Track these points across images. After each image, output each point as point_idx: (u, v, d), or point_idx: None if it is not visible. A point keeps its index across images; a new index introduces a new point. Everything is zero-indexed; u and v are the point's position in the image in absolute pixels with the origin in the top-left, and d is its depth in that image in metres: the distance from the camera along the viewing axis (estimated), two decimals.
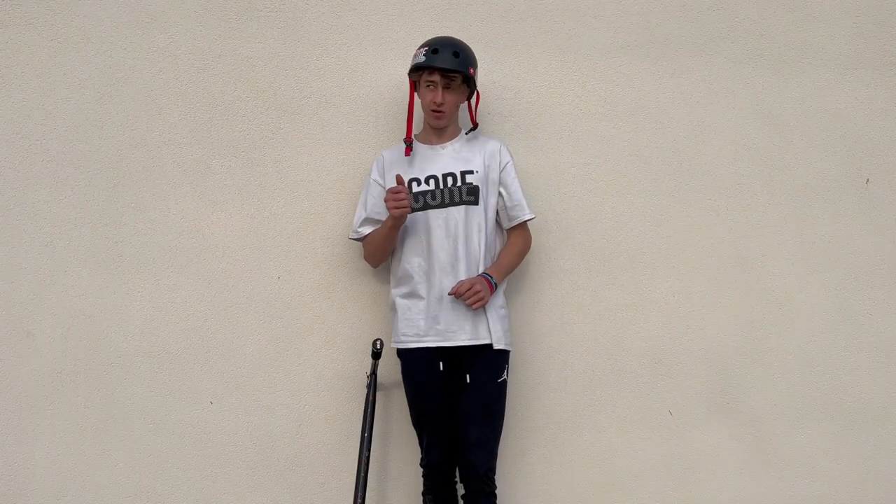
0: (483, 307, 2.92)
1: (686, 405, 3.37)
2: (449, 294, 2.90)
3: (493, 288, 2.93)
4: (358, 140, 3.25)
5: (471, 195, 2.97)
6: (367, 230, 3.05)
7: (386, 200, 2.88)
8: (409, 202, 2.87)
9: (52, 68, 3.14)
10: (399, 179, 2.89)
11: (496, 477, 2.98)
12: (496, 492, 2.96)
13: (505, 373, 2.97)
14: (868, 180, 3.51)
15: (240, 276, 3.20)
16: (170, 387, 3.15)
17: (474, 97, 3.09)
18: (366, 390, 3.05)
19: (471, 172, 2.99)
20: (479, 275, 2.94)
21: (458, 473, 3.00)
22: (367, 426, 2.99)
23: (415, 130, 3.07)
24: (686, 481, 3.36)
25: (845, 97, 3.52)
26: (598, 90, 3.40)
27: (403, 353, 2.99)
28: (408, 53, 3.24)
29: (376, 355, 3.03)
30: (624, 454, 3.34)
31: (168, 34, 3.20)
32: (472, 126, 3.11)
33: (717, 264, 3.42)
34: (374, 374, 3.06)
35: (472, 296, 2.86)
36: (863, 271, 3.49)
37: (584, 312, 3.34)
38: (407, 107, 3.05)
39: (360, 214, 3.06)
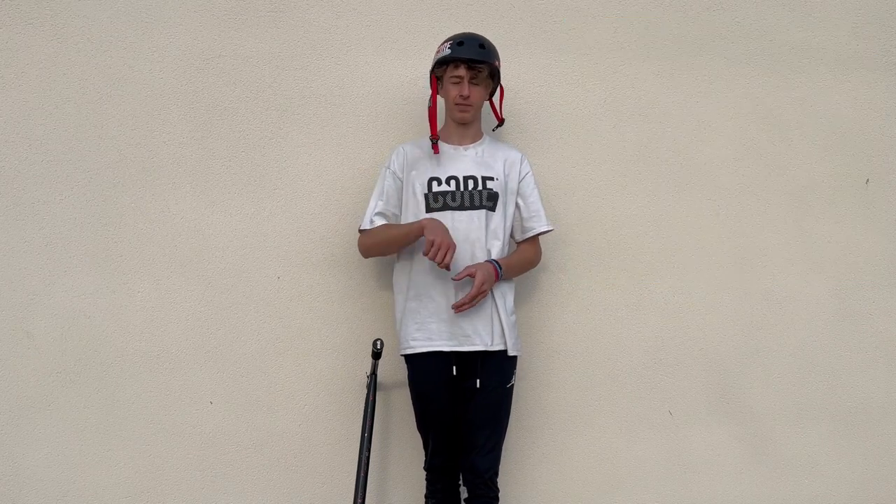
0: (498, 315, 2.91)
1: (686, 405, 3.37)
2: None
3: (497, 276, 2.89)
4: (358, 140, 3.25)
5: (490, 200, 2.94)
6: (380, 223, 2.97)
7: (439, 242, 2.75)
8: (444, 259, 2.76)
9: (52, 68, 3.14)
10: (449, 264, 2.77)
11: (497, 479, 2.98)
12: (499, 495, 2.96)
13: (513, 378, 2.97)
14: (868, 180, 3.51)
15: (240, 276, 3.20)
16: (170, 387, 3.15)
17: (497, 94, 3.06)
18: (366, 390, 3.05)
19: (491, 179, 2.96)
20: (487, 260, 2.89)
21: (461, 476, 2.99)
22: (367, 426, 2.99)
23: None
24: (686, 481, 3.36)
25: (845, 97, 3.52)
26: (598, 90, 3.40)
27: (412, 358, 2.95)
28: (408, 53, 3.25)
29: (376, 355, 3.03)
30: (624, 454, 3.34)
31: (168, 34, 3.20)
32: (498, 122, 3.09)
33: (717, 264, 3.42)
34: (374, 374, 3.05)
35: (479, 293, 2.81)
36: (863, 271, 3.49)
37: (584, 312, 3.34)
38: (428, 106, 2.98)
39: (375, 206, 2.97)
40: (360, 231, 3.01)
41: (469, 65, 2.89)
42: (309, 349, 3.21)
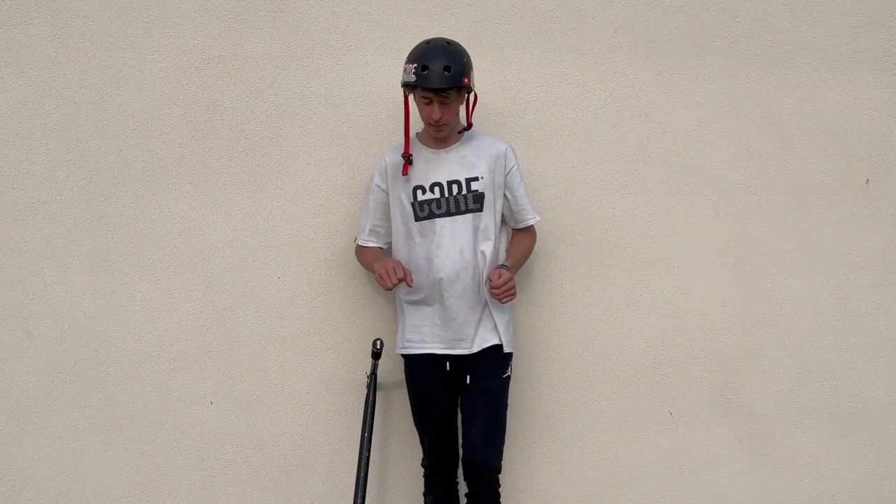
0: (491, 316, 2.92)
1: (686, 405, 3.37)
2: (488, 285, 2.85)
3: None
4: (358, 140, 3.25)
5: (476, 203, 2.93)
6: (372, 242, 3.03)
7: (383, 273, 2.82)
8: (393, 283, 2.81)
9: (52, 68, 3.14)
10: (408, 278, 2.83)
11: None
12: (500, 491, 2.96)
13: (509, 369, 2.97)
14: (868, 180, 3.51)
15: (240, 276, 3.20)
16: (170, 387, 3.15)
17: (472, 97, 3.00)
18: (366, 390, 3.05)
19: (476, 179, 2.94)
20: (500, 266, 2.90)
21: (461, 473, 3.00)
22: (367, 426, 3.00)
23: (415, 130, 3.04)
24: (686, 481, 3.36)
25: (845, 97, 3.52)
26: (598, 90, 3.40)
27: (408, 357, 2.98)
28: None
29: (376, 355, 3.03)
30: (624, 454, 3.34)
31: (168, 34, 3.20)
32: (465, 126, 3.01)
33: (717, 264, 3.42)
34: (374, 374, 3.06)
35: (507, 291, 2.83)
36: (863, 271, 3.49)
37: (584, 312, 3.34)
38: (403, 119, 2.94)
39: (365, 223, 3.04)
40: (356, 244, 3.10)
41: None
42: (309, 349, 3.21)
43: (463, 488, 3.02)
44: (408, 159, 2.94)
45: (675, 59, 3.44)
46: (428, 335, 2.92)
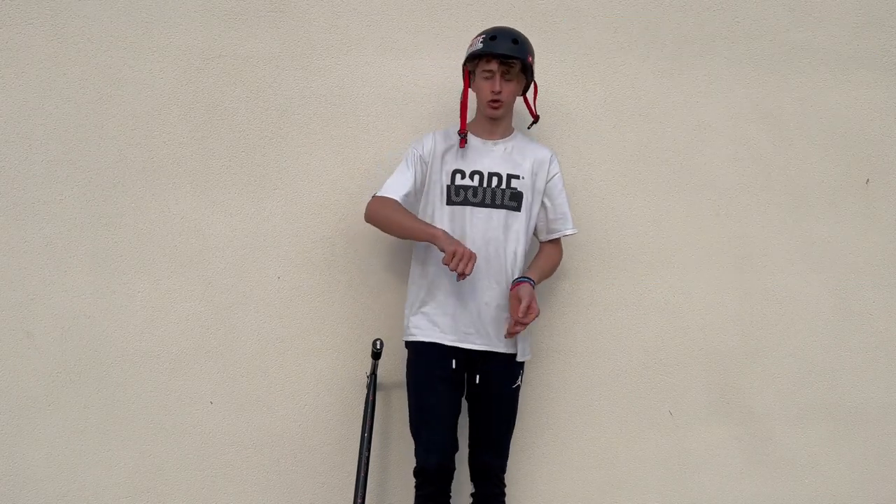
0: (508, 320, 2.89)
1: (686, 405, 3.37)
2: (512, 327, 2.81)
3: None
4: (358, 140, 3.25)
5: (513, 200, 2.92)
6: (395, 197, 2.90)
7: (459, 252, 2.69)
8: (458, 270, 2.71)
9: (52, 68, 3.14)
10: (463, 277, 2.72)
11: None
12: (506, 492, 2.96)
13: (519, 379, 2.97)
14: (868, 180, 3.51)
15: (239, 277, 3.20)
16: (170, 387, 3.16)
17: (531, 90, 3.03)
18: (366, 390, 3.05)
19: (517, 177, 2.93)
20: (521, 279, 2.87)
21: (469, 473, 2.98)
22: (367, 426, 3.00)
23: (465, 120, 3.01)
24: (686, 481, 3.36)
25: (845, 97, 3.52)
26: (598, 90, 3.40)
27: (414, 346, 2.94)
28: (408, 53, 3.25)
29: (376, 355, 3.03)
30: (624, 454, 3.34)
31: (168, 34, 3.20)
32: (533, 119, 3.07)
33: (717, 264, 3.42)
34: (374, 374, 3.06)
35: (531, 313, 2.80)
36: (863, 271, 3.49)
37: (584, 312, 3.34)
38: (460, 100, 2.96)
39: (406, 185, 2.91)
40: (376, 196, 2.95)
41: (501, 60, 2.86)
42: (309, 349, 3.21)
43: (467, 489, 3.02)
44: (463, 136, 2.93)
45: (675, 59, 3.44)
46: (440, 324, 2.89)
